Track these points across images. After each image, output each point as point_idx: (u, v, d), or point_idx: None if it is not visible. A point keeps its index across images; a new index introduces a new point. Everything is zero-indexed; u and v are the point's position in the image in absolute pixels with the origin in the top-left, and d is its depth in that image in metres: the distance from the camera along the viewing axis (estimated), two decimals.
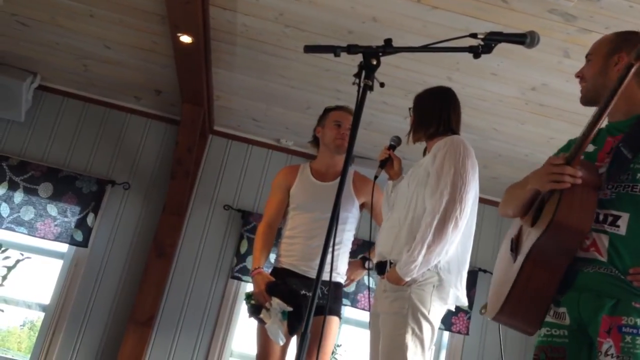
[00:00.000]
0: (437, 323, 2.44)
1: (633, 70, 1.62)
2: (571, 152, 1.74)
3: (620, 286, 1.66)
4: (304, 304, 2.84)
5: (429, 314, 2.39)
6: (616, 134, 1.84)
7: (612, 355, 1.60)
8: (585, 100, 1.99)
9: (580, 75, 2.01)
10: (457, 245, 2.46)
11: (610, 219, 1.71)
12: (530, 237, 1.79)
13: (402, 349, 2.33)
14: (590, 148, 1.87)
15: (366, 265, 3.21)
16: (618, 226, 1.69)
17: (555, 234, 1.69)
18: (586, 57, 2.01)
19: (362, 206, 3.23)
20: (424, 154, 2.74)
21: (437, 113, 2.65)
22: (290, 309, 2.82)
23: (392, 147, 2.81)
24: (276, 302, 2.83)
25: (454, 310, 2.59)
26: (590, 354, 1.69)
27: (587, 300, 1.70)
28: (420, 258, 2.34)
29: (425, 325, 2.37)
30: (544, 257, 1.73)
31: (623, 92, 1.77)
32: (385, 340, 2.41)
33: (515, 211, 1.99)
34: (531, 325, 1.82)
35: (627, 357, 1.58)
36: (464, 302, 2.52)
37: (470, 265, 2.59)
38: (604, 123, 1.87)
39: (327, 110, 3.25)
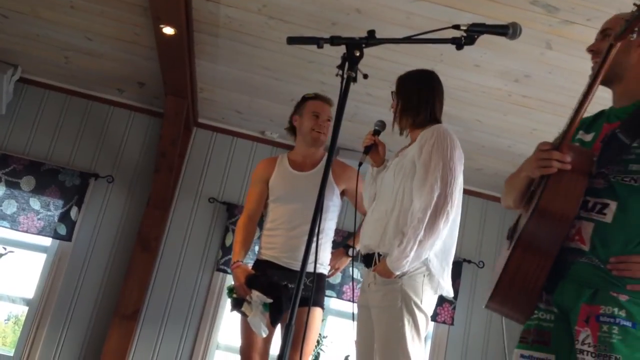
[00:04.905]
0: (429, 312, 2.45)
1: (614, 50, 1.59)
2: (560, 135, 1.71)
3: (599, 275, 1.65)
4: (284, 295, 2.84)
5: (421, 303, 2.40)
6: (613, 121, 1.78)
7: (589, 345, 1.60)
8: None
9: (594, 50, 1.86)
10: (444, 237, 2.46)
11: (598, 206, 1.68)
12: (521, 224, 1.77)
13: (401, 341, 2.34)
14: (589, 137, 1.82)
15: (349, 253, 3.21)
16: (605, 214, 1.66)
17: (539, 220, 1.67)
18: (602, 31, 1.88)
19: (342, 193, 3.20)
20: (402, 133, 2.69)
21: (423, 100, 2.61)
22: (270, 300, 2.82)
23: (376, 133, 2.75)
24: (256, 295, 2.83)
25: (443, 295, 2.58)
26: (572, 342, 1.67)
27: (569, 289, 1.70)
28: (412, 253, 2.34)
29: (419, 316, 2.39)
30: (533, 243, 1.70)
31: (634, 75, 1.73)
32: (382, 334, 2.41)
33: (514, 201, 1.95)
34: (522, 314, 1.80)
35: (604, 347, 1.57)
36: (450, 293, 2.53)
37: (454, 256, 2.59)
38: (602, 107, 1.83)
39: (305, 99, 3.20)
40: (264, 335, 2.85)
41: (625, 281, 1.62)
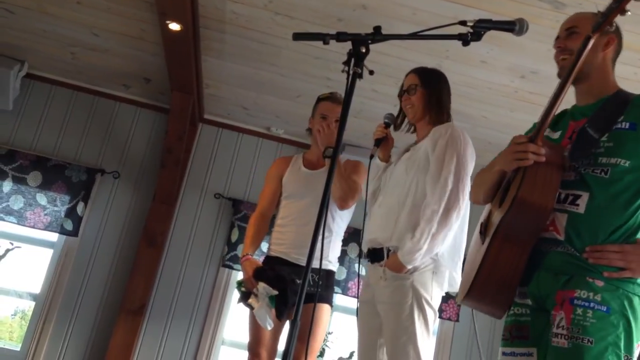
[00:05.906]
0: (437, 308, 2.48)
1: (590, 43, 1.62)
2: (534, 130, 1.76)
3: (575, 264, 1.68)
4: (289, 288, 2.85)
5: (431, 300, 2.43)
6: (579, 118, 1.85)
7: (563, 327, 1.62)
8: None
9: (563, 47, 1.93)
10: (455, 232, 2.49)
11: (570, 198, 1.73)
12: (497, 217, 1.79)
13: (412, 337, 2.36)
14: (556, 135, 1.89)
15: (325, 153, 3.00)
16: (577, 205, 1.71)
17: (518, 211, 1.70)
18: (567, 29, 1.93)
19: None
20: (413, 124, 2.73)
21: (447, 99, 2.68)
22: (275, 292, 2.84)
23: (387, 125, 2.76)
24: (262, 287, 2.85)
25: (451, 293, 2.60)
26: (550, 331, 1.69)
27: (545, 278, 1.73)
28: (425, 246, 2.36)
29: (429, 312, 2.42)
30: (510, 236, 1.74)
31: (600, 73, 1.79)
32: (391, 330, 2.41)
33: (485, 196, 2.00)
34: (499, 308, 1.81)
35: (577, 329, 1.59)
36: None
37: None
38: (565, 106, 1.89)
39: (318, 100, 3.20)
40: (270, 328, 2.86)
41: (601, 268, 1.65)
